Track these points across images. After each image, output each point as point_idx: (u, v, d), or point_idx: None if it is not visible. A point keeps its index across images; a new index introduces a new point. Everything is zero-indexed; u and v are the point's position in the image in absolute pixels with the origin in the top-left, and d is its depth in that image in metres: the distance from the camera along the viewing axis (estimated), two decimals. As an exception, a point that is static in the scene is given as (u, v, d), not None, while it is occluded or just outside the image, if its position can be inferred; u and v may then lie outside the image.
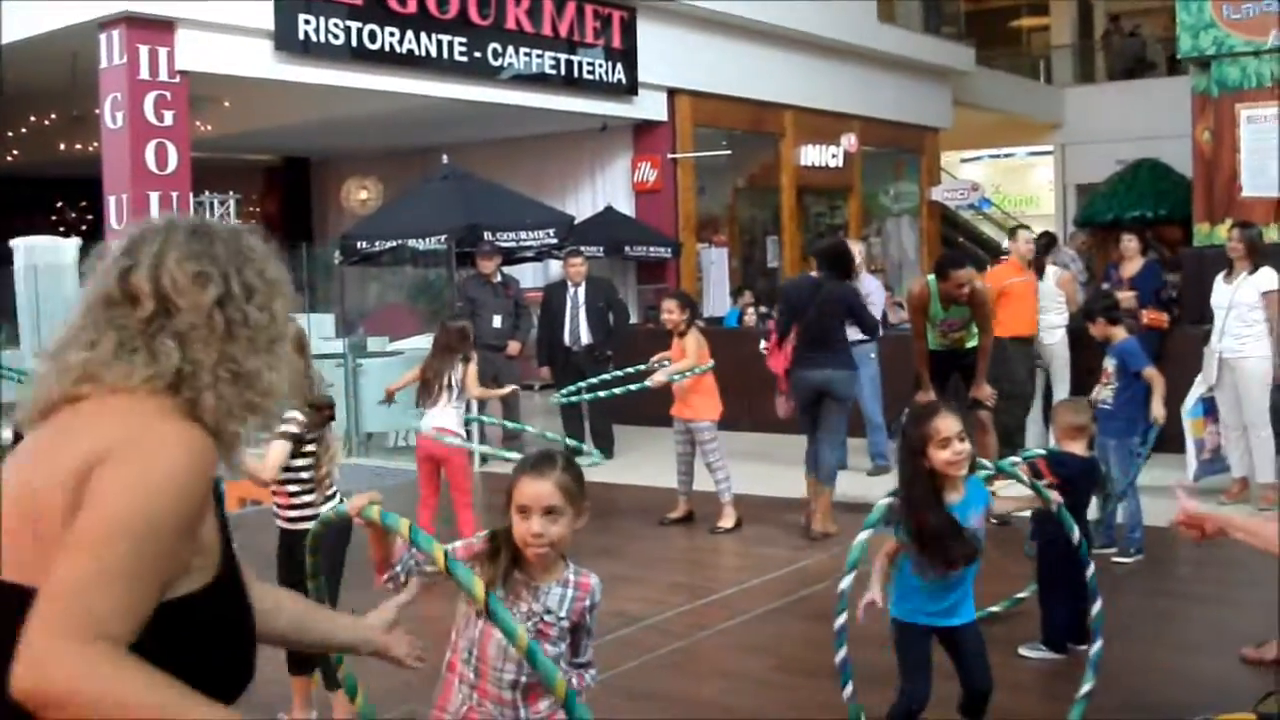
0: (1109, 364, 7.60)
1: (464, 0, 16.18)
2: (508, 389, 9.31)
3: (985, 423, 9.08)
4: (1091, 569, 4.57)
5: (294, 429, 5.04)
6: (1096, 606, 4.60)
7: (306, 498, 5.19)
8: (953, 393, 8.89)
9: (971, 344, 9.25)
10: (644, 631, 6.44)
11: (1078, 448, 5.91)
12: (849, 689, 4.45)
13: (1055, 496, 4.79)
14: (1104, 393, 7.60)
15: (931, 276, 9.37)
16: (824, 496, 8.58)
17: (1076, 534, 4.66)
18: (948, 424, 4.31)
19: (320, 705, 5.24)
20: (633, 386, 9.15)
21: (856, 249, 10.90)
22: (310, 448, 5.14)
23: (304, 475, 5.17)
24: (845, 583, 4.50)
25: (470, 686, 3.07)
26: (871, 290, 11.27)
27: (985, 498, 4.53)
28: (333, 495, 5.22)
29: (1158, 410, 7.30)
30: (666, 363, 9.09)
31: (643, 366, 9.51)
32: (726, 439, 9.07)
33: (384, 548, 2.99)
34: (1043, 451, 6.25)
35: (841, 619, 4.46)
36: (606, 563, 7.94)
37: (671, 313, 8.93)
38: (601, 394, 9.58)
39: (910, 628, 4.54)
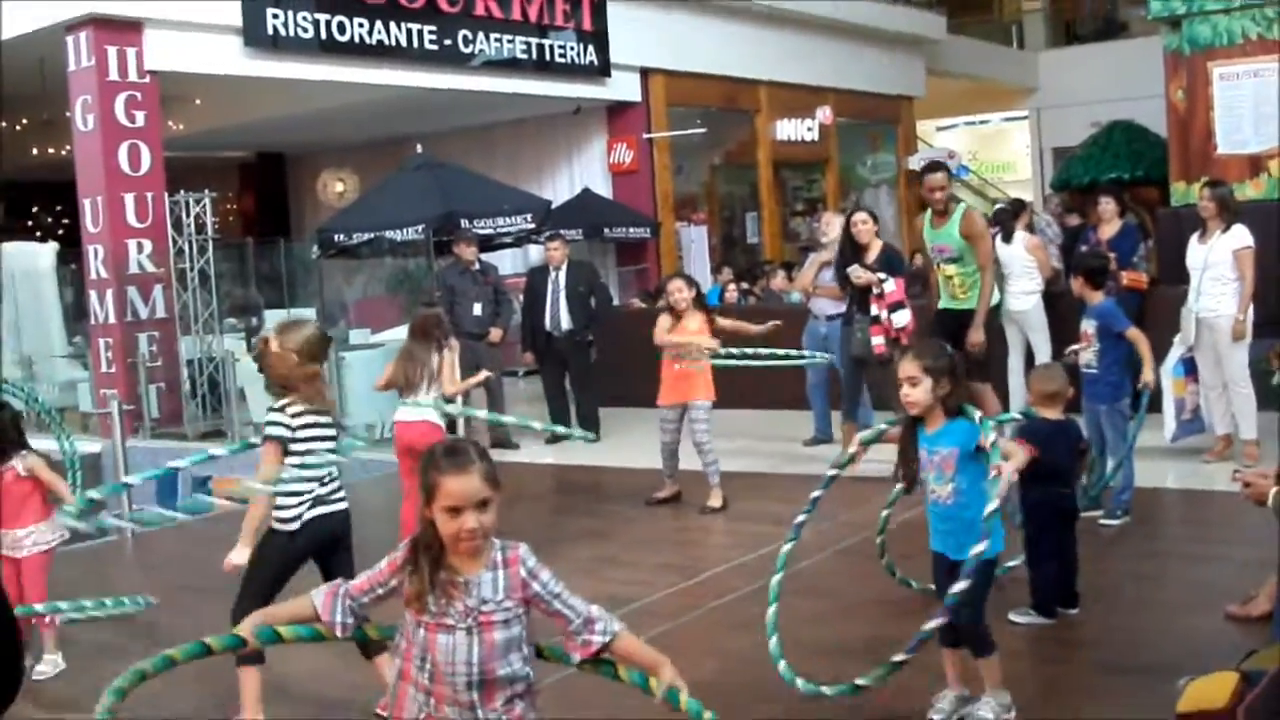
0: (1088, 326, 7.54)
1: (432, -12, 16.14)
2: (481, 375, 9.15)
3: (983, 395, 8.95)
4: None
5: (282, 432, 4.99)
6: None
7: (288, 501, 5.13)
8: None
9: (969, 304, 9.16)
10: (633, 614, 6.43)
11: (1051, 413, 5.91)
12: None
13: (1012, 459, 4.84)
14: (1086, 355, 7.57)
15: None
16: None
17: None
18: (902, 367, 4.72)
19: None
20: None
21: (836, 221, 10.85)
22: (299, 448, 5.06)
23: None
24: (817, 492, 5.16)
25: (426, 692, 3.03)
26: None
27: (960, 439, 4.64)
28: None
29: (1148, 375, 7.24)
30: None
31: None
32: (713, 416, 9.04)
33: None
34: (1018, 415, 6.26)
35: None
36: (595, 545, 7.98)
37: (681, 291, 8.93)
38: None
39: (934, 556, 4.89)
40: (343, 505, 5.19)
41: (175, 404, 14.12)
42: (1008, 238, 10.76)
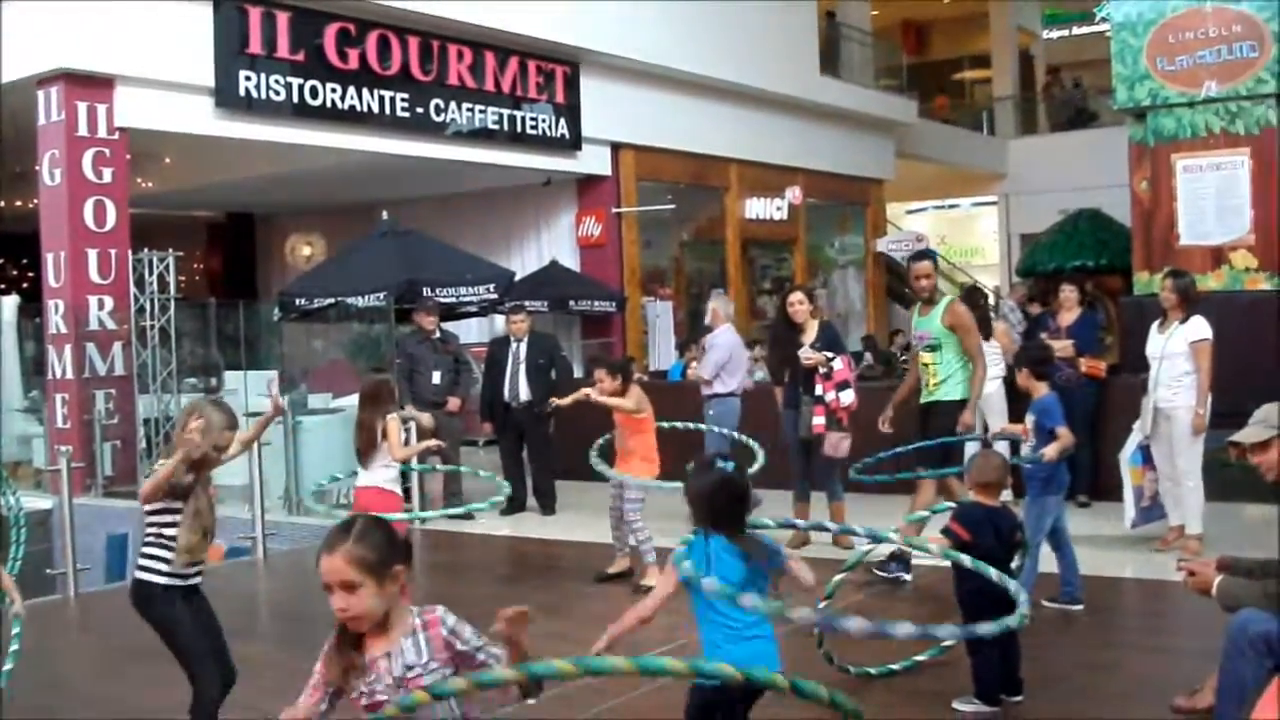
0: (1029, 421, 7.58)
1: (406, 56, 16.22)
2: (431, 443, 9.06)
3: (920, 485, 8.82)
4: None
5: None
6: None
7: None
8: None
9: (939, 395, 8.95)
10: (579, 690, 6.36)
11: (988, 500, 5.88)
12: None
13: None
14: (1025, 450, 7.60)
15: None
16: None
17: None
18: None
19: None
20: None
21: (716, 306, 11.47)
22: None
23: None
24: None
25: None
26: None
27: None
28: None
29: (1050, 451, 7.23)
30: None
31: None
32: (665, 494, 8.94)
33: None
34: (954, 505, 6.23)
35: None
36: (547, 621, 7.87)
37: (603, 382, 8.84)
38: None
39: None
40: (136, 575, 5.22)
41: (130, 462, 13.99)
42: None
